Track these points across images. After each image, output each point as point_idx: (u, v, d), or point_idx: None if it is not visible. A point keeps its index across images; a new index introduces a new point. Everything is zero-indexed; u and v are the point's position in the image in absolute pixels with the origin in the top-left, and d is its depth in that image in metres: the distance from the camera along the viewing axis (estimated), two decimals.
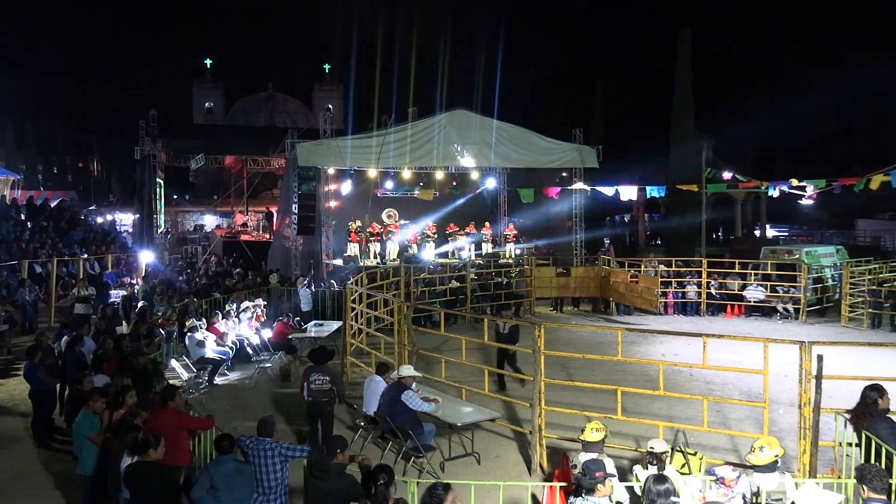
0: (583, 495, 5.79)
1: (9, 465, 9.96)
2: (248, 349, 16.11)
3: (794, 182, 25.24)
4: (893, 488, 6.50)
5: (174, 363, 14.07)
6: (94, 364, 11.28)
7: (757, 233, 46.72)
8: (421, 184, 30.59)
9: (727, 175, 29.02)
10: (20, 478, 9.51)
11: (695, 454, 7.78)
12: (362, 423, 10.64)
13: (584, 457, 7.30)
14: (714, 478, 6.49)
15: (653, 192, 29.92)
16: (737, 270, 23.51)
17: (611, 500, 5.96)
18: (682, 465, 7.52)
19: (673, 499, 5.48)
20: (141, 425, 7.66)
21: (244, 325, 16.68)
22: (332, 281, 22.71)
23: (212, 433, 8.41)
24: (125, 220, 43.30)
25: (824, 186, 23.63)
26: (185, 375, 13.88)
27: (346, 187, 28.63)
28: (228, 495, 6.78)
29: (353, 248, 27.29)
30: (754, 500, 6.67)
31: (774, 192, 26.14)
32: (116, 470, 7.22)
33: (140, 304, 18.03)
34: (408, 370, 10.10)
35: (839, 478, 8.04)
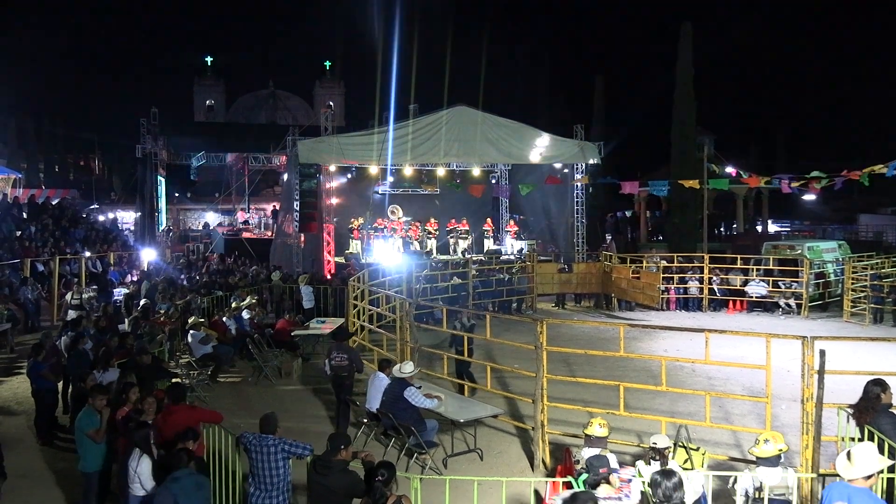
0: (584, 488, 5.78)
1: (12, 463, 9.94)
2: (250, 346, 16.11)
3: (795, 184, 25.10)
4: None
5: None
6: (101, 361, 11.27)
7: (759, 228, 46.67)
8: (424, 180, 30.63)
9: (731, 171, 29.01)
10: (23, 476, 9.52)
11: (697, 449, 7.77)
12: (365, 420, 10.65)
13: (586, 452, 7.30)
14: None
15: (655, 189, 29.88)
16: (739, 266, 23.50)
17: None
18: (685, 461, 7.52)
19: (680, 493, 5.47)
20: (150, 423, 7.67)
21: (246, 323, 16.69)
22: None
23: (216, 431, 8.42)
24: (127, 218, 43.35)
25: (826, 182, 23.53)
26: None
27: (348, 184, 28.61)
28: None
29: (355, 245, 27.30)
30: (757, 496, 6.67)
31: (783, 186, 26.00)
32: (124, 468, 7.22)
33: (142, 301, 18.04)
34: (409, 367, 10.11)
35: None
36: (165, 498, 6.37)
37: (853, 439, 8.16)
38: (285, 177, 29.34)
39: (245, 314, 16.89)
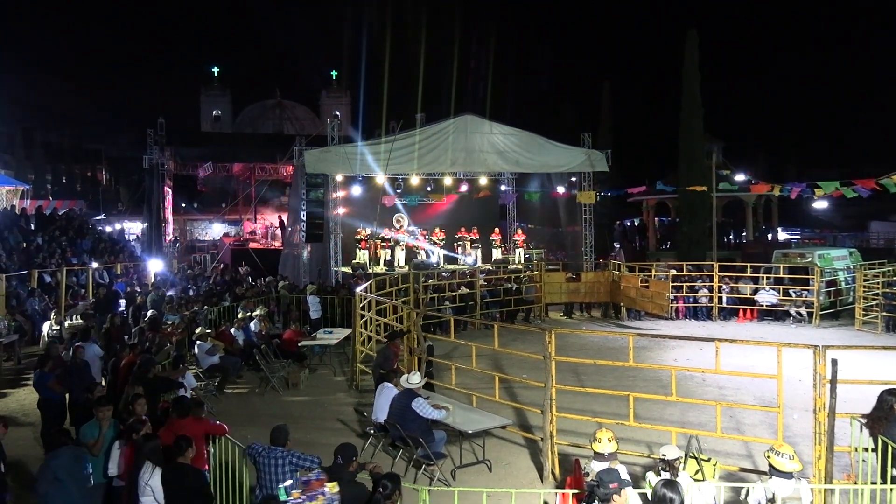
0: (596, 503, 5.73)
1: (19, 475, 9.92)
2: (258, 357, 16.06)
3: (819, 192, 25.02)
4: None
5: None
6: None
7: (769, 236, 46.49)
8: (429, 188, 30.59)
9: (740, 178, 28.95)
10: (30, 488, 9.46)
11: (708, 460, 7.69)
12: (373, 431, 10.58)
13: (596, 465, 7.23)
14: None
15: (662, 188, 29.82)
16: (748, 274, 23.35)
17: None
18: (696, 472, 7.44)
19: None
20: (156, 434, 7.64)
21: (253, 333, 16.64)
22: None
23: (223, 442, 8.37)
24: (134, 228, 43.46)
25: (840, 187, 23.47)
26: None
27: (355, 194, 28.61)
28: (73, 484, 7.08)
29: (362, 256, 27.26)
30: None
31: (792, 194, 25.92)
32: (134, 480, 7.15)
33: (150, 312, 18.00)
34: (417, 377, 10.05)
35: (855, 483, 7.94)
36: (46, 472, 7.09)
37: (867, 450, 8.06)
38: (294, 189, 29.21)
39: (253, 325, 16.85)
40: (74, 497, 7.17)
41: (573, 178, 29.72)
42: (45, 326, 17.30)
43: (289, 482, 6.33)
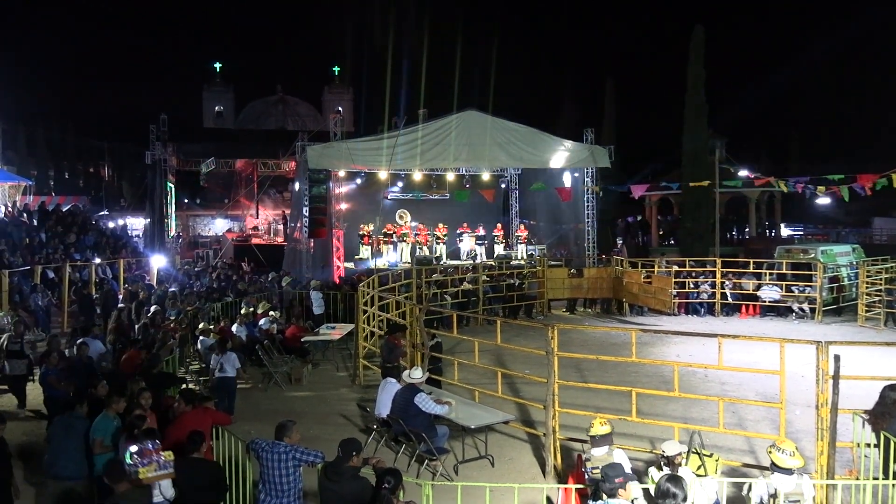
0: (603, 498, 5.75)
1: (25, 471, 9.94)
2: (260, 353, 16.07)
3: (821, 189, 24.96)
4: None
5: None
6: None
7: (772, 232, 46.41)
8: (433, 185, 30.58)
9: (744, 174, 28.89)
10: (36, 484, 9.49)
11: (711, 456, 7.70)
12: (375, 426, 10.59)
13: (596, 451, 7.30)
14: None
15: (667, 185, 29.75)
16: (751, 270, 23.32)
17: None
18: (698, 467, 7.45)
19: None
20: (156, 429, 7.65)
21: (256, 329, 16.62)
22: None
23: (227, 437, 8.38)
24: (136, 224, 43.50)
25: (842, 183, 23.43)
26: None
27: (357, 190, 28.59)
28: (57, 446, 8.06)
29: (364, 251, 27.26)
30: (771, 503, 6.59)
31: (798, 188, 25.84)
32: None
33: (152, 308, 18.01)
34: (418, 373, 10.06)
35: (857, 479, 7.95)
36: (49, 431, 8.45)
37: (869, 445, 8.07)
38: (297, 185, 29.20)
39: (263, 322, 16.66)
40: (61, 459, 8.00)
41: (576, 174, 29.66)
42: (3, 339, 14.80)
43: (135, 448, 6.76)
